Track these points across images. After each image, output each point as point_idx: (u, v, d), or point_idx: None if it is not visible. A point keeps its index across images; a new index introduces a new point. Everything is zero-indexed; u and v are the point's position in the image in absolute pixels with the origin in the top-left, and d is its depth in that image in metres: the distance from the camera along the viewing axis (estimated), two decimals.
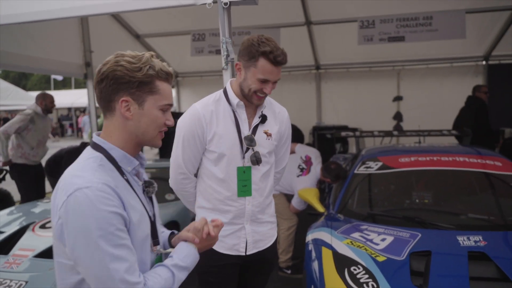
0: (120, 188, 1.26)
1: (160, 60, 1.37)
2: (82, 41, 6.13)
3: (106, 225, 1.15)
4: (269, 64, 1.90)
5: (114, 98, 1.28)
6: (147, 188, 1.40)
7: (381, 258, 2.45)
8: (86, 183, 1.18)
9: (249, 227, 2.12)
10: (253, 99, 2.00)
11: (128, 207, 1.24)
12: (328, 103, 8.23)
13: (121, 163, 1.32)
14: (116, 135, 1.32)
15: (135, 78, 1.26)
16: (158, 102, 1.31)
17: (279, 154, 2.28)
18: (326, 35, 6.97)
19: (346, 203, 3.35)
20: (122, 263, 1.17)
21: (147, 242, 1.34)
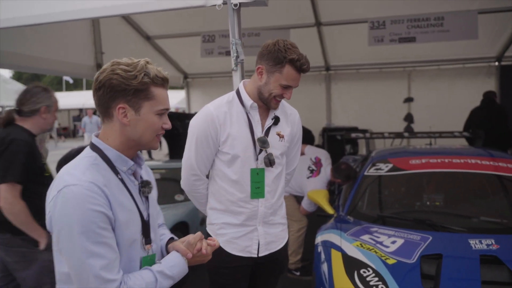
0: (111, 187, 1.31)
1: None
2: (94, 43, 6.19)
3: (87, 222, 1.21)
4: (294, 71, 1.94)
5: (111, 105, 1.33)
6: (142, 188, 1.44)
7: (391, 260, 2.43)
8: (74, 181, 1.24)
9: (261, 229, 2.11)
10: (271, 103, 2.03)
11: (115, 206, 1.29)
12: (338, 104, 8.19)
13: (116, 163, 1.36)
14: (112, 138, 1.37)
15: (130, 86, 1.30)
16: (154, 108, 1.35)
17: (290, 155, 2.27)
18: (336, 36, 6.95)
19: (356, 205, 3.33)
20: (99, 260, 1.22)
21: (136, 240, 1.37)
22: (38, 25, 3.38)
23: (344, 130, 6.58)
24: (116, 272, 1.26)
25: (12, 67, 5.67)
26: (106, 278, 1.23)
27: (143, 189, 1.44)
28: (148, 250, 1.43)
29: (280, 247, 2.21)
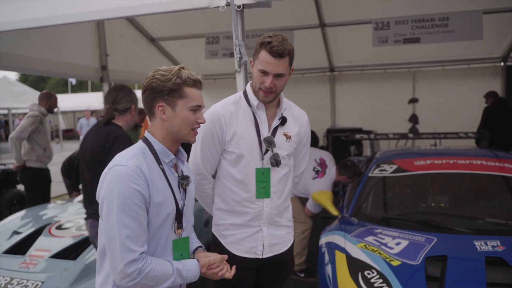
0: (152, 172, 1.55)
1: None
2: (98, 45, 6.21)
3: (126, 197, 1.46)
4: (267, 54, 1.89)
5: (153, 104, 1.60)
6: (181, 181, 1.67)
7: (396, 262, 2.42)
8: (123, 162, 1.52)
9: (266, 230, 2.10)
10: (260, 95, 2.00)
11: (153, 189, 1.53)
12: (343, 106, 8.18)
13: (160, 155, 1.62)
14: (157, 133, 1.64)
15: (166, 87, 1.56)
16: (187, 105, 1.59)
17: (298, 157, 2.25)
18: (340, 37, 6.93)
19: (360, 206, 3.32)
20: (128, 230, 1.46)
21: (167, 221, 1.60)
22: (43, 27, 3.41)
23: (349, 131, 6.56)
24: (140, 245, 1.49)
25: (18, 69, 5.71)
26: (129, 246, 1.46)
27: (182, 181, 1.67)
28: (180, 234, 1.65)
29: (285, 249, 2.19)
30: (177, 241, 1.65)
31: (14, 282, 3.07)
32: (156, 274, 1.51)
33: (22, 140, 5.12)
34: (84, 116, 13.88)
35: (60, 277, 2.94)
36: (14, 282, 3.06)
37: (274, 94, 1.99)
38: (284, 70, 1.93)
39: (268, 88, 1.94)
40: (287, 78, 1.99)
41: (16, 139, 5.05)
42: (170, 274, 1.56)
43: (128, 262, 1.46)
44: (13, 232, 3.73)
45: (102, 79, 6.35)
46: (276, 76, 1.93)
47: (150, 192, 1.52)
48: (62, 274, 2.97)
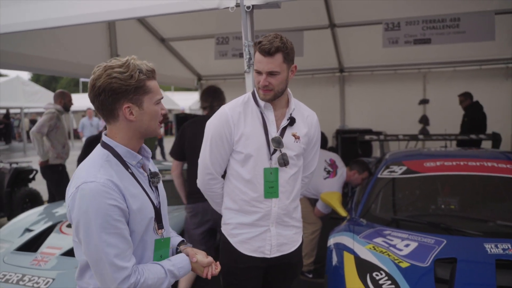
0: (124, 180, 1.44)
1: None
2: (110, 45, 6.27)
3: (103, 215, 1.35)
4: (258, 54, 1.95)
5: (116, 106, 1.44)
6: (152, 179, 1.57)
7: (405, 264, 2.41)
8: (91, 178, 1.38)
9: (274, 230, 2.11)
10: (260, 94, 2.02)
11: (129, 197, 1.43)
12: (352, 106, 8.14)
13: (126, 158, 1.50)
14: (120, 136, 1.49)
15: (130, 86, 1.41)
16: (153, 99, 1.48)
17: (308, 158, 2.25)
18: (350, 38, 6.90)
19: (369, 207, 3.30)
20: (113, 249, 1.36)
21: (150, 225, 1.51)
22: (54, 28, 3.44)
23: (358, 132, 6.53)
24: (128, 260, 1.40)
25: (30, 69, 5.79)
26: (119, 265, 1.37)
27: (152, 180, 1.58)
28: (161, 234, 1.57)
29: (293, 250, 2.20)
30: (159, 241, 1.56)
31: (25, 278, 3.11)
32: (151, 283, 1.45)
33: (42, 134, 5.24)
34: (86, 115, 13.31)
35: (70, 275, 2.98)
36: (25, 279, 3.11)
37: (272, 92, 1.99)
38: (276, 67, 1.93)
39: (263, 86, 1.96)
40: (284, 76, 1.98)
41: (37, 132, 5.20)
42: (164, 278, 1.50)
43: (122, 280, 1.38)
44: (25, 230, 3.78)
45: None
46: (269, 74, 1.94)
47: (127, 202, 1.41)
48: (73, 272, 3.00)
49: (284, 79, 1.99)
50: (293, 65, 2.03)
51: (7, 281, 3.13)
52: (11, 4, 3.42)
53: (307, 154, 2.23)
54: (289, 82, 2.06)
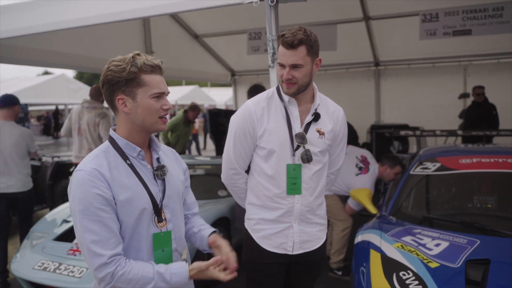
0: (116, 170, 1.48)
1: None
2: (144, 42, 6.42)
3: (85, 202, 1.40)
4: (281, 47, 1.91)
5: (113, 98, 1.50)
6: (156, 172, 1.58)
7: (434, 264, 2.32)
8: (81, 167, 1.46)
9: (297, 227, 2.08)
10: (283, 88, 1.99)
11: (117, 187, 1.46)
12: (388, 101, 7.93)
13: (125, 150, 1.53)
14: (122, 128, 1.55)
15: (121, 78, 1.45)
16: (148, 92, 1.48)
17: (334, 154, 2.21)
18: (386, 30, 6.71)
19: (400, 205, 3.21)
20: (91, 235, 1.40)
21: (144, 217, 1.51)
22: (92, 26, 3.52)
23: (393, 127, 6.36)
24: (109, 248, 1.41)
25: (68, 67, 6.01)
26: (95, 251, 1.40)
27: (156, 172, 1.58)
28: (161, 228, 1.56)
29: (316, 247, 2.16)
30: (158, 235, 1.54)
31: (62, 267, 3.26)
32: (132, 277, 1.42)
33: None
34: None
35: None
36: (62, 268, 3.26)
37: (296, 85, 1.95)
38: (299, 60, 1.89)
39: (286, 80, 1.93)
40: (308, 69, 1.94)
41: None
42: (150, 278, 1.45)
43: (97, 267, 1.40)
44: (62, 221, 3.96)
45: None
46: (292, 67, 1.90)
47: (113, 192, 1.44)
48: None
49: (308, 72, 1.94)
50: (318, 58, 1.98)
51: (45, 269, 3.29)
52: (51, 4, 3.55)
53: (333, 151, 2.18)
54: (314, 76, 2.02)
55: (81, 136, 5.15)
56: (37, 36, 4.42)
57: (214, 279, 1.54)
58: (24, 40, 4.57)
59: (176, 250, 1.62)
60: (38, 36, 4.57)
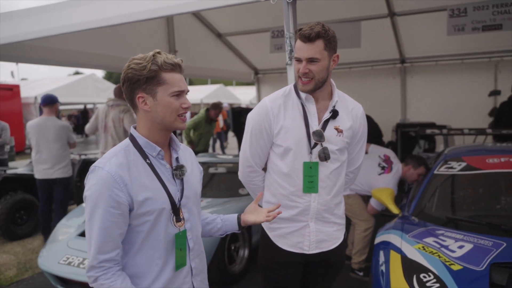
0: (137, 170, 1.49)
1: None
2: (168, 42, 6.49)
3: (97, 201, 1.42)
4: (299, 41, 1.88)
5: (133, 96, 1.51)
6: (174, 171, 1.58)
7: (457, 266, 2.25)
8: (101, 164, 1.47)
9: (313, 225, 2.05)
10: (299, 85, 1.96)
11: (135, 187, 1.46)
12: (414, 99, 7.73)
13: (145, 149, 1.54)
14: (142, 126, 1.55)
15: (142, 76, 1.46)
16: (168, 91, 1.49)
17: (353, 152, 2.16)
18: (412, 27, 6.54)
19: (423, 205, 3.13)
20: (95, 235, 1.42)
21: (162, 216, 1.52)
22: (115, 25, 3.57)
23: (419, 126, 6.19)
24: (103, 252, 1.42)
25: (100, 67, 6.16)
26: (92, 251, 1.43)
27: (175, 172, 1.58)
28: (180, 227, 1.57)
29: (333, 247, 2.12)
30: (178, 234, 1.56)
31: (85, 262, 3.34)
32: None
33: None
34: None
35: None
36: (85, 262, 3.34)
37: (312, 81, 1.91)
38: (316, 54, 1.86)
39: (303, 74, 1.89)
40: (325, 64, 1.90)
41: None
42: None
43: (89, 266, 1.44)
44: None
45: None
46: (309, 61, 1.87)
47: (130, 192, 1.45)
48: None
49: (325, 67, 1.90)
50: (335, 54, 1.94)
51: (69, 263, 3.38)
52: (76, 5, 3.62)
53: (352, 149, 2.13)
54: (331, 72, 1.98)
55: (107, 133, 5.28)
56: (66, 37, 4.54)
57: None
58: (55, 41, 4.71)
59: (193, 249, 1.64)
60: (67, 37, 4.69)
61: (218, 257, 3.71)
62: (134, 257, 1.52)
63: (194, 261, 1.65)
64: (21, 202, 5.68)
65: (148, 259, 1.52)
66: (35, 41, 3.94)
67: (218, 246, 3.68)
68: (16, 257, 4.94)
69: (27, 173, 6.01)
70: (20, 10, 3.84)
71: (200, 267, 1.69)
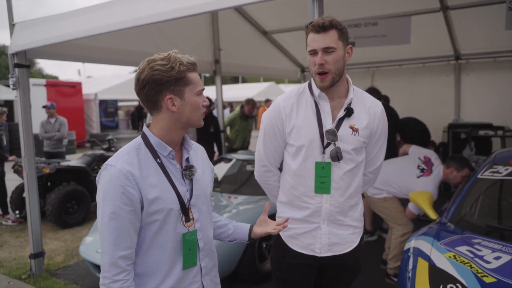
0: (147, 169, 1.50)
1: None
2: (213, 40, 6.59)
3: (110, 199, 1.43)
4: (311, 33, 1.82)
5: (159, 98, 1.49)
6: (184, 171, 1.58)
7: (490, 279, 2.09)
8: (113, 162, 1.47)
9: (325, 228, 1.97)
10: (316, 81, 1.88)
11: (146, 186, 1.47)
12: (469, 98, 7.28)
13: (157, 149, 1.54)
14: (159, 126, 1.53)
15: (171, 77, 1.45)
16: (194, 90, 1.50)
17: (372, 153, 2.05)
18: (467, 21, 6.15)
19: (462, 211, 2.93)
20: (108, 232, 1.42)
21: (170, 216, 1.52)
22: (159, 22, 3.62)
23: (473, 126, 5.82)
24: (121, 249, 1.43)
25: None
26: (106, 249, 1.44)
27: (185, 172, 1.58)
28: (189, 227, 1.56)
29: (347, 251, 2.01)
30: (186, 234, 1.55)
31: None
32: None
33: None
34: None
35: None
36: None
37: (329, 76, 1.83)
38: (332, 43, 1.78)
39: (320, 66, 1.81)
40: (341, 54, 1.82)
41: None
42: None
43: (105, 263, 1.44)
44: None
45: (215, 72, 6.74)
46: (325, 51, 1.79)
47: (141, 190, 1.45)
48: None
49: (340, 57, 1.82)
50: (349, 46, 1.87)
51: None
52: (123, 4, 3.73)
53: (370, 149, 2.02)
54: (345, 66, 1.89)
55: None
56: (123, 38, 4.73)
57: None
58: (114, 42, 4.91)
59: (203, 249, 1.63)
60: (124, 39, 4.89)
61: (248, 255, 3.71)
62: (144, 256, 1.52)
63: (204, 260, 1.64)
64: (73, 193, 6.03)
65: (157, 258, 1.53)
66: (98, 42, 4.11)
67: (248, 244, 3.68)
68: (65, 244, 5.25)
69: (79, 166, 6.38)
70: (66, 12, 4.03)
71: (210, 265, 1.68)
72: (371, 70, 8.15)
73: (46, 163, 6.24)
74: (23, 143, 4.27)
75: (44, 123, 7.44)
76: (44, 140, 7.43)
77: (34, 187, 4.31)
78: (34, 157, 4.37)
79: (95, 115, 17.91)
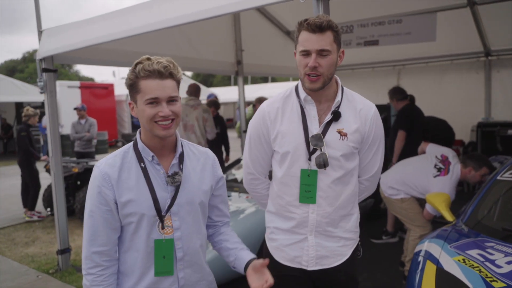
0: (127, 172, 1.54)
1: None
2: (235, 41, 6.64)
3: (91, 196, 1.54)
4: (306, 32, 1.69)
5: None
6: (167, 178, 1.56)
7: (499, 284, 2.02)
8: (99, 163, 1.56)
9: (312, 239, 1.86)
10: (306, 82, 1.76)
11: (121, 187, 1.51)
12: (500, 96, 6.99)
13: (142, 153, 1.57)
14: (142, 131, 1.60)
15: (127, 83, 1.52)
16: (142, 98, 1.47)
17: (366, 159, 1.91)
18: (497, 16, 5.92)
19: (479, 213, 2.85)
20: (87, 229, 1.53)
21: (144, 221, 1.53)
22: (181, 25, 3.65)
23: (499, 125, 5.61)
24: (97, 245, 1.51)
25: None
26: (86, 244, 1.53)
27: (167, 179, 1.56)
28: (165, 235, 1.55)
29: (336, 264, 1.88)
30: (159, 241, 1.53)
31: None
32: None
33: None
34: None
35: None
36: None
37: (321, 78, 1.72)
38: (327, 45, 1.68)
39: (312, 69, 1.70)
40: (334, 58, 1.72)
41: None
42: None
43: (82, 257, 1.54)
44: None
45: (237, 73, 6.80)
46: (319, 53, 1.68)
47: (116, 192, 1.50)
48: None
49: (333, 62, 1.72)
50: (341, 49, 1.78)
51: None
52: (144, 8, 3.81)
53: (364, 154, 1.89)
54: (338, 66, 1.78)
55: (188, 132, 5.60)
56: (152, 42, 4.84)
57: None
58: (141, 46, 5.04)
59: (183, 259, 1.59)
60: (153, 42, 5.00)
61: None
62: (124, 255, 1.57)
63: (183, 271, 1.60)
64: None
65: (133, 259, 1.56)
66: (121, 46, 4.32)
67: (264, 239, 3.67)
68: None
69: None
70: (89, 19, 4.18)
71: (193, 278, 1.64)
72: (396, 68, 7.97)
73: (75, 162, 6.49)
74: (50, 144, 4.48)
75: (75, 124, 7.75)
76: (75, 140, 7.73)
77: (60, 185, 4.51)
78: (61, 157, 4.57)
79: (127, 115, 18.43)
